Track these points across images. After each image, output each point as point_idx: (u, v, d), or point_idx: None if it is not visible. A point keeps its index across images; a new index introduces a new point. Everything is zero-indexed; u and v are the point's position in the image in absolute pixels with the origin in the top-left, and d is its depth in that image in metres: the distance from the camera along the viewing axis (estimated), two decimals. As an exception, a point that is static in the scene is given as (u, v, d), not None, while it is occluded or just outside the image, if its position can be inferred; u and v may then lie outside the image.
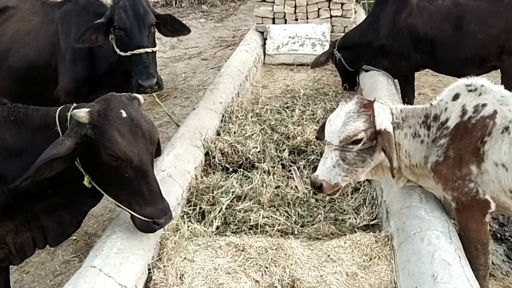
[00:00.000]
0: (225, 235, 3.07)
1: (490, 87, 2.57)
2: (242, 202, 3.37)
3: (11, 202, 2.39)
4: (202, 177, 3.70)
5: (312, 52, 6.37)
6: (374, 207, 3.31)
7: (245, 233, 3.10)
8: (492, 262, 3.03)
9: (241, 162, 3.87)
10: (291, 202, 3.40)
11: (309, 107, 4.82)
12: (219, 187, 3.49)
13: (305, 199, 3.46)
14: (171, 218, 2.55)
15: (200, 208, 3.33)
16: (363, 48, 5.13)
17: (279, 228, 3.15)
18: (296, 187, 3.58)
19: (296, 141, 4.01)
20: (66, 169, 2.29)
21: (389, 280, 2.51)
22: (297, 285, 2.49)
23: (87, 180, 2.38)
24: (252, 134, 4.13)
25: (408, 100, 4.87)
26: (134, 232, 2.64)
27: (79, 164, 2.36)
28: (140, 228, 2.51)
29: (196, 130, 4.01)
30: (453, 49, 4.50)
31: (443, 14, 4.53)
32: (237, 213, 3.26)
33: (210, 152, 3.90)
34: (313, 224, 3.19)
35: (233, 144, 3.94)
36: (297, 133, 4.09)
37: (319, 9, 6.79)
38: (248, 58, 6.09)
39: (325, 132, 2.69)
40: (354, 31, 5.38)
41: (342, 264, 2.61)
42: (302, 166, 3.81)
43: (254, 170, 3.72)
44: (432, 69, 5.13)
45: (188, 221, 3.13)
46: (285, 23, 6.92)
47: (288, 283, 2.51)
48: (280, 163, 3.84)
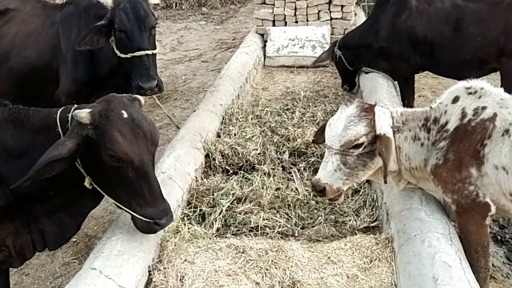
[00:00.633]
0: (226, 237, 3.07)
1: (490, 90, 2.56)
2: (242, 204, 3.38)
3: (11, 204, 2.38)
4: (202, 179, 3.70)
5: (312, 54, 6.37)
6: (374, 209, 3.31)
7: (246, 235, 3.10)
8: (493, 264, 3.03)
9: (241, 164, 3.87)
10: (291, 204, 3.40)
11: (309, 109, 4.82)
12: (219, 189, 3.50)
13: (305, 201, 3.46)
14: (172, 219, 2.55)
15: (201, 210, 3.34)
16: (363, 50, 5.13)
17: (279, 230, 3.16)
18: (297, 189, 3.58)
19: (296, 143, 4.01)
20: (67, 170, 2.28)
21: (390, 282, 2.51)
22: (298, 287, 2.49)
23: (88, 181, 2.37)
24: (252, 136, 4.13)
25: (408, 102, 4.87)
26: (134, 234, 2.64)
27: (80, 165, 2.35)
28: (141, 229, 2.50)
29: (197, 132, 4.01)
30: (452, 52, 4.50)
31: (442, 17, 4.53)
32: (238, 215, 3.26)
33: (210, 154, 3.91)
34: (313, 226, 3.19)
35: (233, 146, 3.94)
36: (297, 135, 4.09)
37: (319, 11, 6.80)
38: (248, 60, 6.10)
39: (325, 136, 2.66)
40: (355, 32, 5.38)
41: (342, 266, 2.60)
42: (302, 168, 3.81)
43: (255, 172, 3.72)
44: (432, 71, 5.13)
45: (189, 223, 3.14)
46: (285, 25, 6.93)
47: (289, 285, 2.51)
48: (280, 165, 3.84)
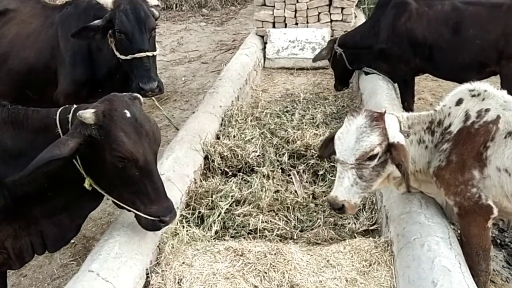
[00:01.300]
0: (224, 239, 3.06)
1: (493, 92, 2.55)
2: (241, 206, 3.37)
3: (10, 206, 2.37)
4: (201, 181, 3.69)
5: (312, 56, 6.34)
6: (373, 212, 3.30)
7: (244, 238, 3.09)
8: (492, 268, 3.02)
9: (241, 166, 3.86)
10: (290, 206, 3.39)
11: (309, 111, 4.82)
12: (218, 191, 3.49)
13: (304, 203, 3.45)
14: (175, 216, 2.55)
15: (199, 212, 3.33)
16: (364, 51, 5.12)
17: (278, 232, 3.14)
18: (296, 191, 3.57)
19: (296, 145, 4.00)
20: (66, 170, 2.27)
21: (389, 286, 2.49)
22: (296, 291, 2.48)
23: (88, 182, 2.36)
24: (252, 138, 4.12)
25: (407, 105, 4.86)
26: (132, 236, 2.63)
27: (80, 166, 2.34)
28: (145, 227, 2.50)
29: (196, 134, 4.00)
30: (451, 54, 4.50)
31: (442, 19, 4.53)
32: (236, 217, 3.25)
33: (209, 156, 3.90)
34: (312, 229, 3.18)
35: (232, 148, 3.93)
36: (297, 137, 4.08)
37: (319, 13, 6.81)
38: (248, 62, 6.09)
39: (336, 150, 2.53)
40: (356, 32, 5.35)
41: (341, 269, 2.59)
42: (301, 171, 3.80)
43: (254, 174, 3.71)
44: (432, 74, 5.13)
45: (187, 225, 3.12)
46: (285, 27, 6.93)
47: (287, 289, 2.50)
48: (279, 167, 3.83)
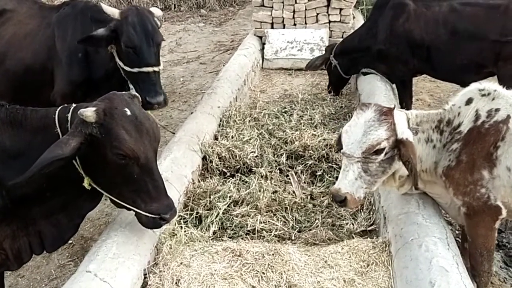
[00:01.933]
0: (222, 240, 3.06)
1: (503, 92, 2.55)
2: (239, 207, 3.36)
3: (8, 206, 2.36)
4: (199, 181, 3.68)
5: (310, 57, 6.34)
6: (371, 213, 3.30)
7: (242, 238, 3.09)
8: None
9: (239, 166, 3.86)
10: (288, 207, 3.39)
11: (307, 112, 4.82)
12: (216, 192, 3.48)
13: (302, 204, 3.45)
14: (176, 213, 2.56)
15: (197, 213, 3.32)
16: (362, 53, 5.12)
17: (276, 233, 3.14)
18: (294, 192, 3.57)
19: (294, 146, 4.00)
20: (65, 170, 2.27)
21: (387, 286, 2.50)
22: (294, 291, 2.48)
23: (87, 182, 2.36)
24: (250, 139, 4.12)
25: (405, 106, 4.87)
26: (130, 236, 2.63)
27: (79, 166, 2.33)
28: (146, 225, 2.50)
29: (194, 134, 4.00)
30: (449, 55, 4.51)
31: (440, 20, 4.53)
32: (234, 218, 3.25)
33: (207, 157, 3.89)
34: (310, 230, 3.18)
35: (230, 148, 3.93)
36: (295, 138, 4.08)
37: (317, 14, 6.82)
38: (246, 62, 6.09)
39: (342, 143, 2.52)
40: (353, 36, 5.38)
41: (339, 270, 2.59)
42: (299, 171, 3.80)
43: (252, 175, 3.71)
44: (429, 75, 5.13)
45: (185, 225, 3.12)
46: (284, 28, 6.93)
47: (285, 289, 2.50)
48: (277, 168, 3.83)
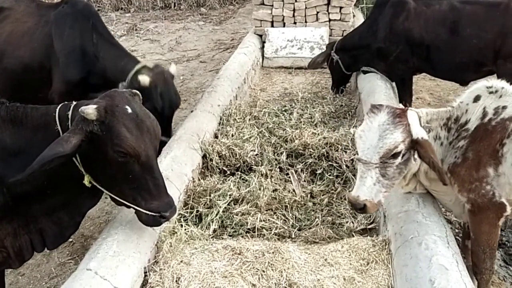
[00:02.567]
0: (222, 238, 3.06)
1: (511, 89, 2.55)
2: (239, 205, 3.37)
3: (9, 204, 2.37)
4: (199, 179, 3.69)
5: (311, 55, 6.35)
6: (371, 211, 3.30)
7: (242, 237, 3.10)
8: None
9: (239, 165, 3.86)
10: (288, 205, 3.39)
11: (307, 110, 4.82)
12: (216, 190, 3.49)
13: (302, 202, 3.45)
14: (176, 211, 2.56)
15: (197, 211, 3.33)
16: (362, 51, 5.12)
17: (276, 231, 3.15)
18: (294, 190, 3.58)
19: (294, 144, 4.00)
20: (65, 168, 2.27)
21: (386, 284, 2.50)
22: (294, 289, 2.48)
23: (87, 179, 2.36)
24: (250, 137, 4.12)
25: (405, 104, 4.87)
26: (130, 235, 2.63)
27: (79, 163, 2.33)
28: (146, 223, 2.51)
29: (194, 133, 4.00)
30: (448, 54, 4.51)
31: (439, 19, 4.54)
32: (234, 216, 3.25)
33: (207, 155, 3.90)
34: (310, 228, 3.19)
35: (230, 147, 3.93)
36: (295, 136, 4.08)
37: (317, 12, 6.81)
38: (246, 61, 6.09)
39: (358, 149, 2.47)
40: (354, 34, 5.38)
41: (339, 268, 2.60)
42: (299, 170, 3.79)
43: (252, 173, 3.71)
44: (429, 73, 5.14)
45: (185, 224, 3.12)
46: (284, 26, 6.93)
47: (285, 287, 2.50)
48: (277, 166, 3.83)
